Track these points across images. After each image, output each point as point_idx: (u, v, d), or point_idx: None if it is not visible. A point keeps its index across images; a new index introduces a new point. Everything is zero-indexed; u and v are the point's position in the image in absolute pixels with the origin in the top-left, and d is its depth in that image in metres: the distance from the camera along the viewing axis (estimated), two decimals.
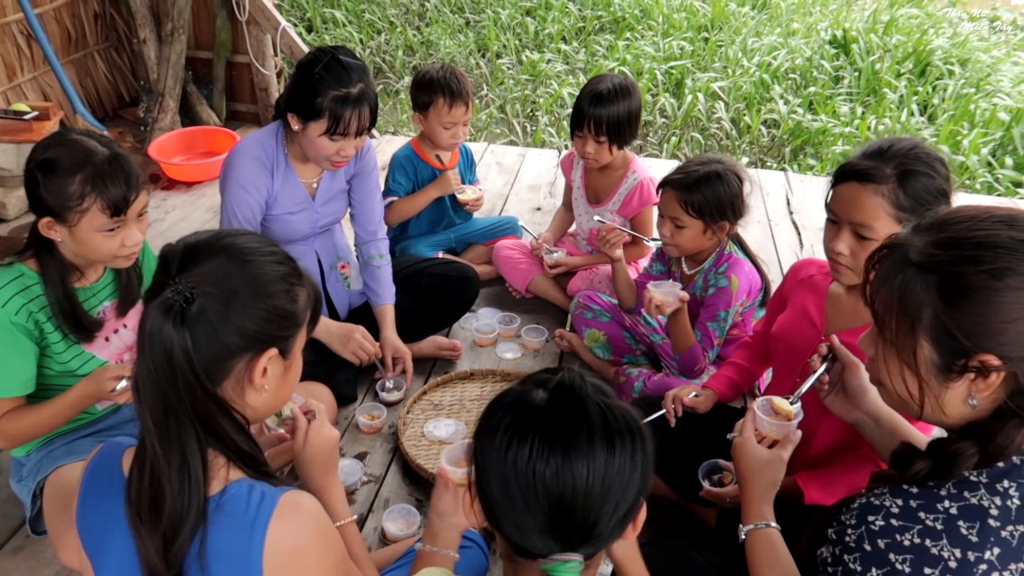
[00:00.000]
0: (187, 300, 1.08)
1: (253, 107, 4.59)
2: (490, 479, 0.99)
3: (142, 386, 1.10)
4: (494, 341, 2.83)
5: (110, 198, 1.74)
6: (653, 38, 6.84)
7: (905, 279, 1.10)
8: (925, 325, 1.08)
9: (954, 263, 1.06)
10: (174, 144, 4.01)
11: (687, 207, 2.23)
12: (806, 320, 1.92)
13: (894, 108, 5.60)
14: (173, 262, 1.13)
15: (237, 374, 1.16)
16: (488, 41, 6.97)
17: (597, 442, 0.96)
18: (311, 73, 2.15)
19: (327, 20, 7.23)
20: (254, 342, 1.15)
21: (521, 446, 0.96)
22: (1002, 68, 6.36)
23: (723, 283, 2.30)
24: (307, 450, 1.44)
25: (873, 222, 1.60)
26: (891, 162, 1.59)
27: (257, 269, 1.16)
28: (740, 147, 5.46)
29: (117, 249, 1.82)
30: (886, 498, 1.10)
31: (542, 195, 3.96)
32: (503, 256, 3.07)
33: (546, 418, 0.98)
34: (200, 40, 4.43)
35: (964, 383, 1.08)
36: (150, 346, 1.08)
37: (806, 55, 6.30)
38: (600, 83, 2.68)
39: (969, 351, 1.05)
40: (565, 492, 0.95)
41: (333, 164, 2.28)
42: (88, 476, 1.22)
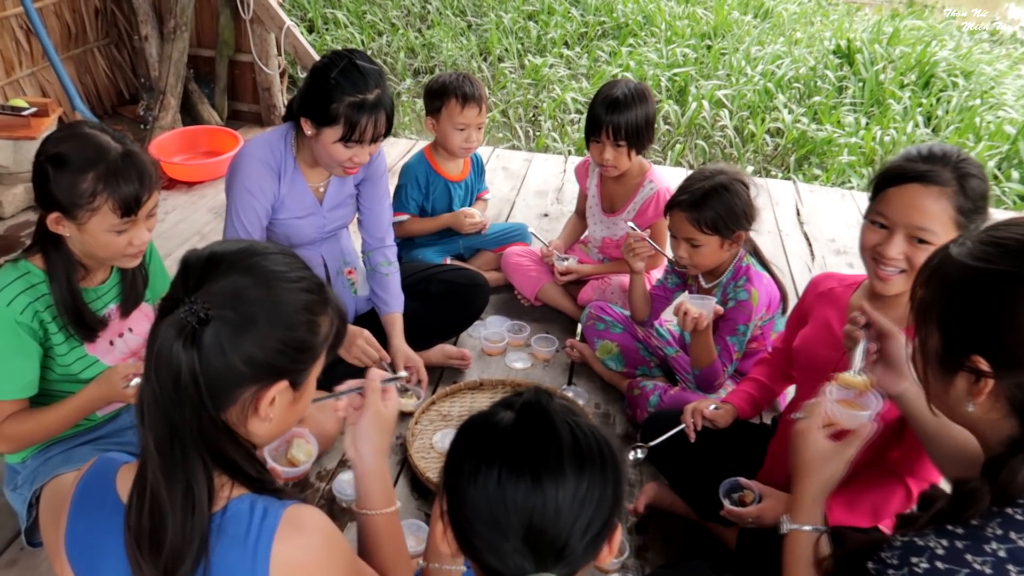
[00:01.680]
0: (201, 321, 1.01)
1: (255, 107, 4.53)
2: (462, 505, 0.96)
3: (147, 409, 1.03)
4: (503, 350, 2.77)
5: (122, 198, 1.68)
6: (656, 45, 6.81)
7: (938, 265, 1.12)
8: (938, 312, 1.10)
9: (979, 258, 1.06)
10: (175, 143, 3.94)
11: (700, 225, 2.18)
12: (828, 334, 1.87)
13: (898, 119, 5.58)
14: (193, 274, 1.06)
15: (243, 402, 1.09)
16: (490, 45, 6.93)
17: (567, 462, 0.94)
18: (327, 78, 2.09)
19: (328, 21, 7.17)
20: (265, 373, 1.08)
21: (490, 470, 0.94)
22: (1005, 81, 6.36)
23: (743, 296, 2.25)
24: (377, 415, 1.34)
25: (935, 226, 1.54)
26: (948, 165, 1.55)
27: (280, 296, 1.08)
28: (744, 156, 5.42)
29: (124, 248, 1.76)
30: (931, 539, 1.05)
31: (549, 201, 3.90)
32: (512, 263, 3.01)
33: (513, 440, 0.97)
34: (202, 38, 4.37)
35: (963, 383, 1.07)
36: (157, 365, 1.01)
37: (810, 64, 6.29)
38: (614, 88, 2.63)
39: (964, 348, 1.05)
40: (536, 513, 0.92)
41: (345, 171, 2.22)
42: (79, 494, 1.16)
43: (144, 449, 1.03)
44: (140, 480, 1.05)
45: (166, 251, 3.25)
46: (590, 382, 2.64)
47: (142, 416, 1.03)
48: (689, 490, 2.03)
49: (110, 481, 1.13)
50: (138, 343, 2.00)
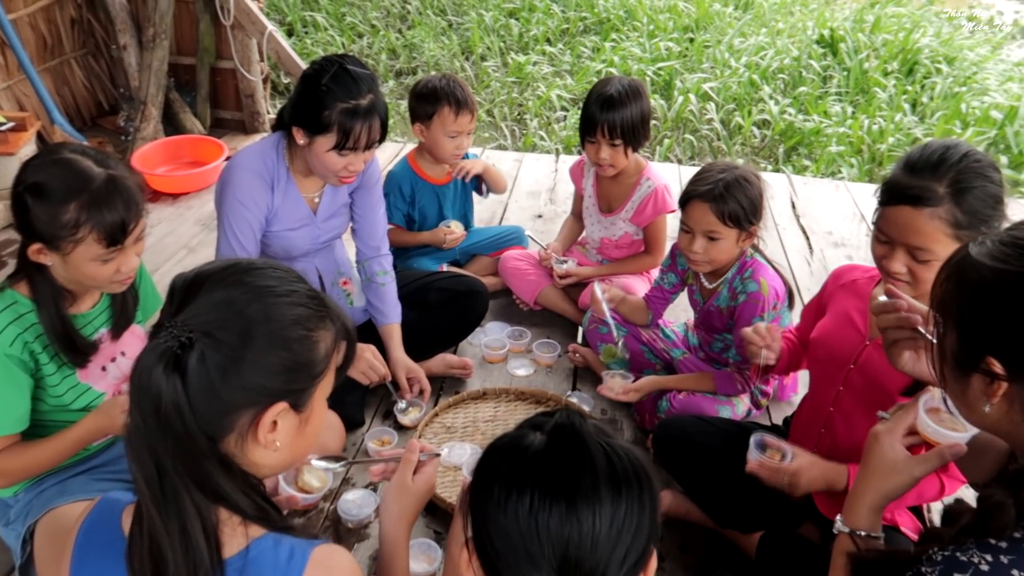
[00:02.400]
0: (183, 346, 0.95)
1: (238, 114, 4.44)
2: (490, 533, 0.91)
3: (131, 442, 0.97)
4: (504, 357, 2.72)
5: (107, 228, 1.61)
6: (639, 39, 6.78)
7: (957, 264, 1.09)
8: (955, 311, 1.07)
9: (998, 258, 1.03)
10: (158, 154, 3.85)
11: (724, 217, 2.12)
12: (849, 326, 1.84)
13: (885, 107, 5.58)
14: (176, 297, 1.00)
15: (239, 429, 1.02)
16: (472, 44, 6.87)
17: (602, 486, 0.90)
18: (318, 84, 2.02)
19: (307, 24, 7.09)
20: (259, 396, 1.01)
21: (521, 496, 0.89)
22: (987, 66, 6.38)
23: (752, 288, 2.21)
24: (418, 484, 1.33)
25: (931, 245, 1.52)
26: (944, 179, 1.50)
27: (269, 312, 1.01)
28: (733, 148, 5.40)
29: (112, 276, 1.70)
30: (973, 553, 1.01)
31: (542, 201, 3.86)
32: (510, 267, 2.96)
33: (546, 464, 0.92)
34: (182, 46, 4.27)
35: (979, 383, 1.04)
36: (140, 396, 0.95)
37: (793, 55, 6.27)
38: (608, 86, 2.58)
39: (980, 348, 1.03)
40: (571, 542, 0.88)
41: (340, 180, 2.16)
42: (84, 536, 1.10)
43: (136, 488, 0.98)
44: (138, 518, 1.00)
45: (153, 266, 3.17)
46: (594, 387, 2.59)
47: (130, 451, 0.97)
48: (705, 496, 1.98)
49: (116, 522, 1.07)
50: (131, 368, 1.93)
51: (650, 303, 2.56)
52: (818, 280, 3.20)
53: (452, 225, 2.92)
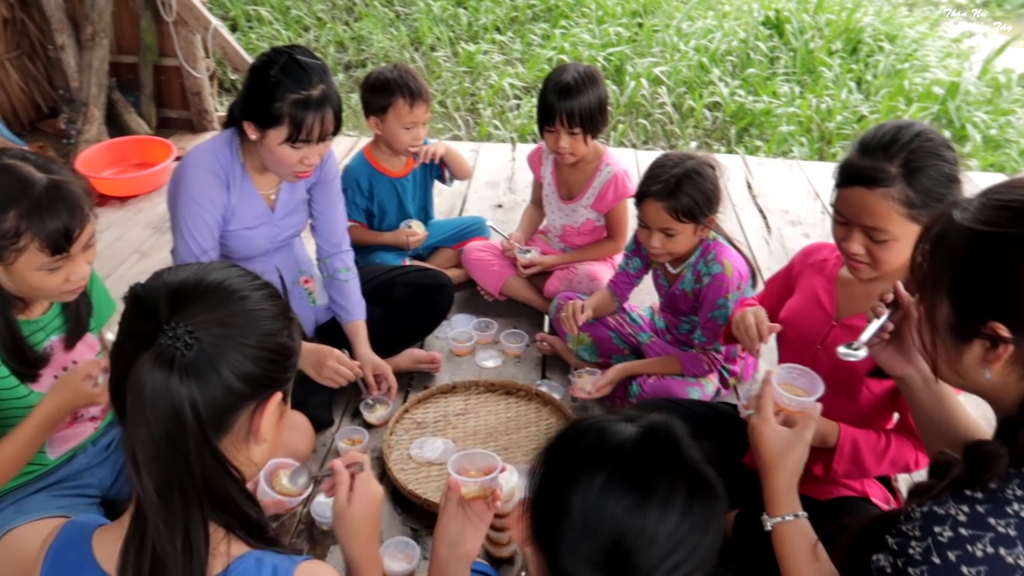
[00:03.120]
0: (187, 346, 0.94)
1: (185, 113, 4.32)
2: (556, 498, 0.94)
3: (141, 454, 0.94)
4: (472, 350, 2.70)
5: (50, 235, 1.55)
6: (588, 25, 6.79)
7: (943, 234, 1.09)
8: (948, 281, 1.07)
9: (989, 222, 1.04)
10: (103, 157, 3.73)
11: (677, 214, 2.14)
12: (816, 306, 1.86)
13: (831, 86, 5.67)
14: (159, 306, 0.97)
15: (240, 426, 1.02)
16: (422, 34, 6.80)
17: (677, 495, 0.92)
18: (267, 76, 1.97)
19: (251, 18, 6.93)
20: (260, 387, 1.02)
21: (595, 473, 0.93)
22: (926, 43, 6.53)
23: (716, 269, 2.22)
24: (353, 508, 1.26)
25: (885, 224, 1.54)
26: (896, 159, 1.51)
27: (253, 306, 1.03)
28: (686, 131, 5.44)
29: (60, 285, 1.64)
30: (951, 506, 1.03)
31: (501, 191, 3.84)
32: (474, 259, 2.94)
33: (632, 454, 0.95)
34: (123, 44, 4.14)
35: (979, 350, 1.06)
36: (152, 405, 0.93)
37: (741, 37, 6.34)
38: (564, 74, 2.57)
39: (981, 315, 1.03)
40: (630, 532, 0.90)
41: (297, 175, 2.11)
42: (51, 563, 1.05)
43: (144, 500, 0.94)
44: (136, 536, 0.96)
45: (105, 272, 3.08)
46: (564, 376, 2.60)
47: (136, 465, 0.94)
48: None
49: (86, 546, 1.03)
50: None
51: (615, 289, 2.57)
52: (777, 259, 3.25)
53: (413, 225, 2.90)
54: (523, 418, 2.40)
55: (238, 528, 1.02)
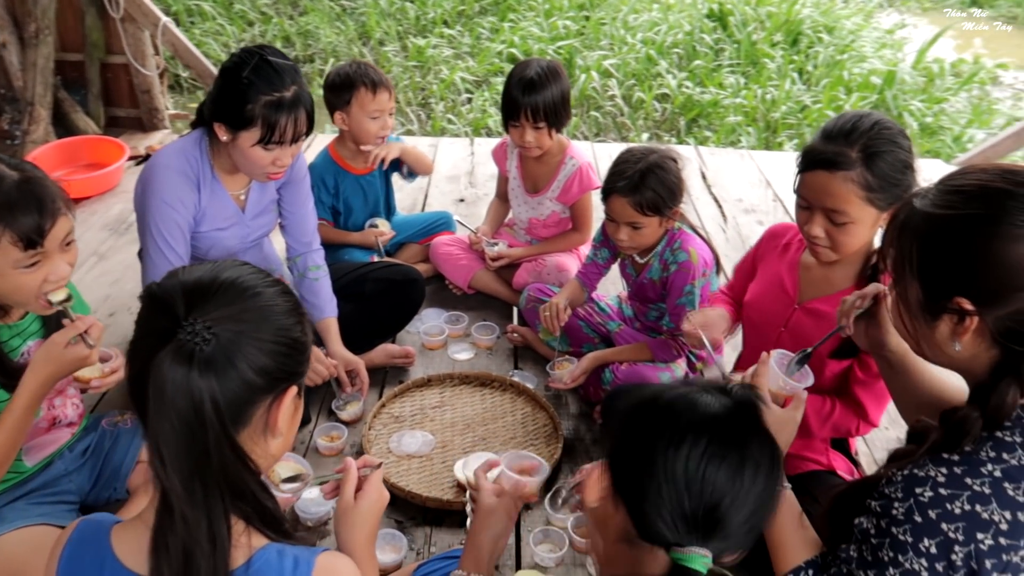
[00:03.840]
0: (206, 341, 0.96)
1: (134, 111, 4.23)
2: (650, 462, 1.00)
3: (165, 448, 0.96)
4: (444, 343, 2.73)
5: (20, 229, 1.53)
6: (536, 19, 6.84)
7: (907, 221, 1.18)
8: (915, 263, 1.15)
9: (945, 206, 1.13)
10: (52, 157, 3.61)
11: (642, 209, 2.20)
12: (779, 289, 1.94)
13: (775, 77, 5.84)
14: (176, 303, 0.99)
15: (257, 420, 1.04)
16: (370, 29, 6.76)
17: (765, 459, 1.01)
18: (239, 78, 1.96)
19: (194, 13, 6.80)
20: (276, 381, 1.04)
21: (699, 442, 0.98)
22: (863, 34, 6.77)
23: (683, 257, 2.29)
24: (360, 505, 1.27)
25: (844, 207, 1.62)
26: (856, 145, 1.60)
27: (267, 302, 1.04)
28: (637, 123, 5.54)
29: (40, 285, 1.62)
30: (930, 468, 1.12)
31: (462, 185, 3.86)
32: (441, 253, 2.96)
33: (730, 424, 1.01)
34: (67, 41, 4.01)
35: (947, 324, 1.14)
36: (174, 400, 0.94)
37: (686, 30, 6.48)
38: (527, 69, 2.62)
39: (946, 292, 1.11)
40: (728, 494, 0.98)
41: (269, 176, 2.11)
42: (67, 562, 1.06)
43: (170, 493, 0.96)
44: (164, 530, 0.97)
45: None
46: (536, 365, 2.65)
47: (161, 459, 0.95)
48: None
49: (104, 543, 1.04)
50: (65, 379, 1.85)
51: (584, 279, 2.62)
52: (734, 246, 3.35)
53: (380, 224, 2.90)
54: (499, 408, 2.44)
55: (256, 520, 1.03)
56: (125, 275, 3.05)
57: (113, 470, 2.01)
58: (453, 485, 2.16)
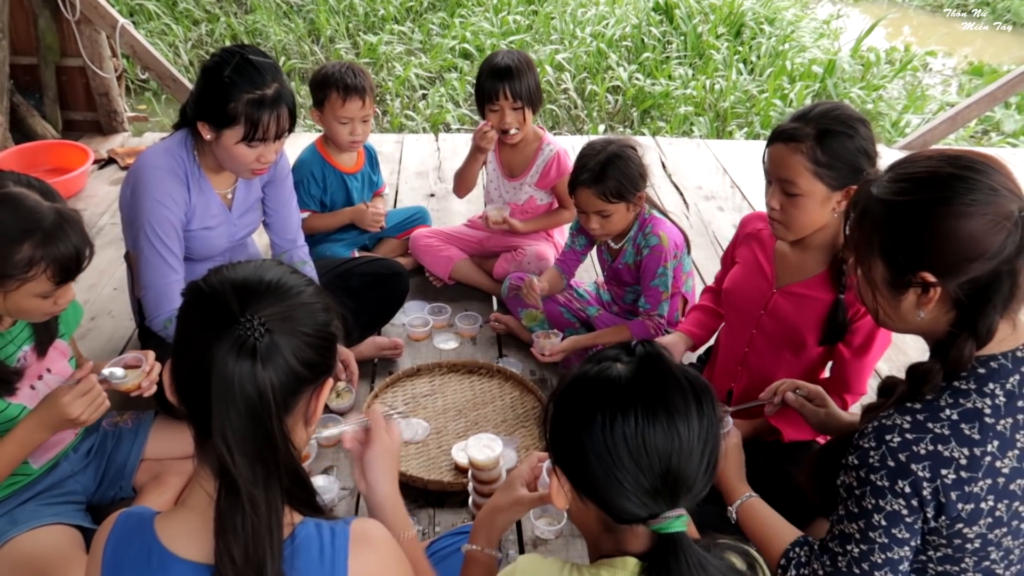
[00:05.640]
0: (262, 336, 1.02)
1: (92, 115, 4.16)
2: (595, 456, 1.03)
3: (232, 436, 1.01)
4: (429, 334, 2.80)
5: (62, 266, 1.58)
6: (485, 14, 6.90)
7: (866, 207, 1.30)
8: (878, 245, 1.27)
9: (900, 193, 1.26)
10: (13, 163, 3.52)
11: (606, 197, 2.32)
12: (758, 273, 2.06)
13: (721, 68, 6.03)
14: (229, 300, 1.05)
15: (299, 409, 1.11)
16: (320, 26, 6.73)
17: (690, 402, 1.04)
18: (220, 77, 2.00)
19: (137, 12, 6.66)
20: (317, 373, 1.11)
21: (626, 417, 1.02)
22: (801, 25, 7.02)
23: (654, 241, 2.42)
24: (385, 447, 1.36)
25: (795, 177, 1.76)
26: (812, 123, 1.75)
27: (308, 300, 1.11)
28: (592, 115, 5.66)
29: (50, 309, 1.68)
30: (895, 417, 1.26)
31: (431, 181, 3.92)
32: (422, 245, 3.03)
33: (641, 387, 1.05)
34: (18, 44, 3.91)
35: (912, 296, 1.27)
36: (242, 390, 1.00)
37: (633, 23, 6.62)
38: (497, 58, 2.75)
39: (910, 268, 1.24)
40: (674, 453, 1.01)
41: (253, 172, 2.15)
42: (112, 553, 1.09)
43: (238, 479, 1.01)
44: (230, 514, 1.02)
45: None
46: (520, 351, 2.74)
47: (228, 447, 1.00)
48: None
49: (149, 533, 1.07)
50: (59, 383, 1.87)
51: (563, 267, 2.72)
52: (698, 232, 3.50)
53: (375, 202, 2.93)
54: (488, 394, 2.53)
55: (297, 499, 1.10)
56: (100, 280, 3.03)
57: (117, 469, 2.04)
58: (452, 468, 2.24)
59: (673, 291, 2.48)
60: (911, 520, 1.23)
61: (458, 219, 3.44)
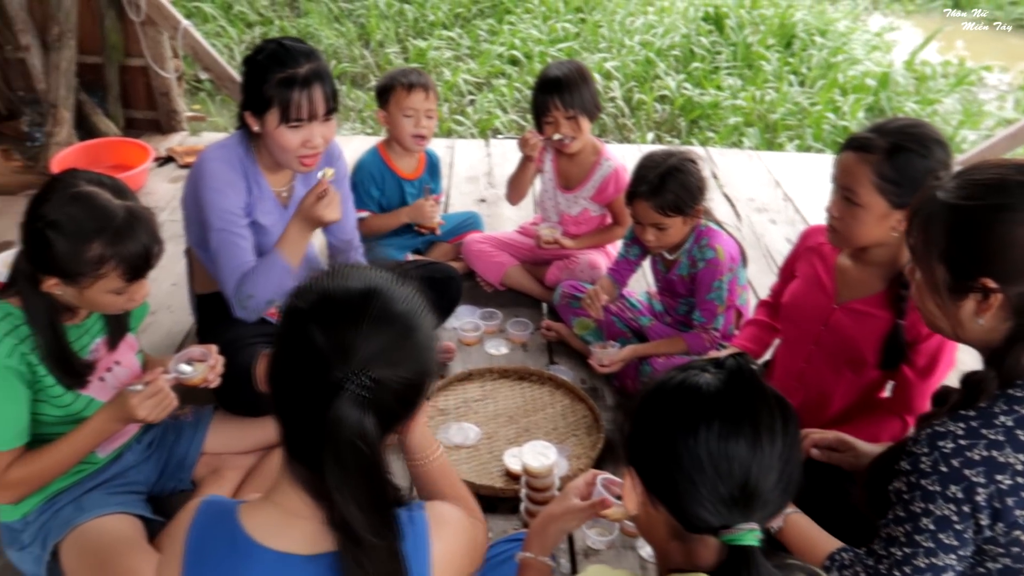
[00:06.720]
0: (369, 389, 1.01)
1: (151, 114, 4.26)
2: (674, 460, 1.04)
3: (340, 485, 1.02)
4: (480, 339, 2.81)
5: (131, 264, 1.62)
6: (534, 21, 6.92)
7: (930, 211, 1.31)
8: (941, 249, 1.28)
9: (966, 197, 1.26)
10: (77, 159, 3.63)
11: (664, 211, 2.31)
12: (818, 287, 2.04)
13: (771, 79, 5.97)
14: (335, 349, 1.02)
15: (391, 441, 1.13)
16: (370, 30, 6.81)
17: (776, 419, 1.05)
18: (255, 63, 2.07)
19: (193, 14, 6.79)
20: (415, 407, 1.13)
21: (711, 425, 1.03)
22: (853, 37, 6.93)
23: (710, 254, 2.40)
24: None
25: (857, 187, 1.75)
26: (886, 136, 1.73)
27: (421, 340, 1.09)
28: (638, 124, 5.64)
29: (124, 304, 1.72)
30: (949, 424, 1.26)
31: (482, 186, 3.94)
32: (475, 250, 3.04)
33: (730, 398, 1.06)
34: (85, 44, 4.01)
35: (972, 303, 1.27)
36: (351, 445, 1.01)
37: (683, 32, 6.59)
38: (551, 69, 2.76)
39: (972, 274, 1.24)
40: (754, 464, 1.02)
41: (302, 162, 2.14)
42: (196, 542, 1.11)
43: (355, 525, 1.03)
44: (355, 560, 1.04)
45: None
46: (571, 359, 2.74)
47: (343, 494, 1.02)
48: None
49: (233, 522, 1.10)
50: (127, 375, 1.93)
51: (615, 275, 2.72)
52: (750, 245, 3.46)
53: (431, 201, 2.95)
54: (539, 401, 2.53)
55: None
56: (159, 275, 3.05)
57: (178, 462, 2.08)
58: (503, 474, 2.24)
59: (728, 304, 2.47)
60: (961, 527, 1.23)
61: (508, 225, 3.45)
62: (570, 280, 2.84)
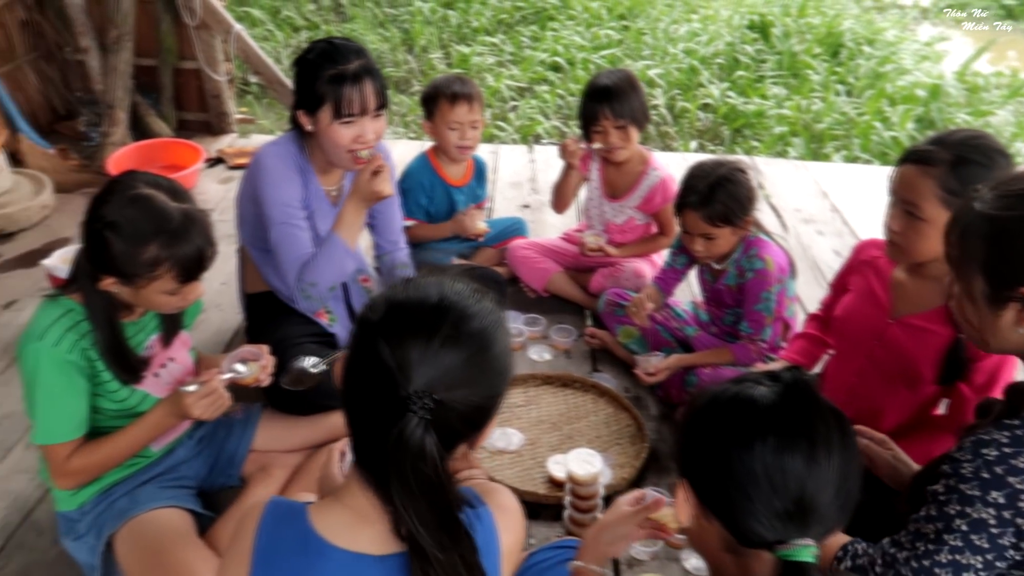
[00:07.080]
0: (432, 411, 0.99)
1: (203, 115, 4.35)
2: (728, 473, 1.03)
3: (413, 508, 1.01)
4: (523, 344, 2.81)
5: (186, 266, 1.66)
6: (576, 28, 6.93)
7: (968, 222, 1.30)
8: (979, 260, 1.28)
9: (1005, 208, 1.25)
10: (132, 159, 3.72)
11: (713, 221, 2.29)
12: (872, 302, 2.01)
13: (818, 88, 5.90)
14: (398, 375, 0.99)
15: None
16: (414, 35, 6.87)
17: (834, 434, 1.04)
18: (306, 62, 2.12)
19: (242, 19, 6.91)
20: (484, 426, 1.11)
21: (767, 437, 1.02)
22: (902, 47, 6.81)
23: (759, 265, 2.38)
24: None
25: (920, 201, 1.71)
26: (950, 148, 1.70)
27: (494, 359, 1.05)
28: (681, 132, 5.61)
29: (178, 304, 1.77)
30: (993, 433, 1.26)
31: (526, 192, 3.95)
32: (519, 256, 3.05)
33: (787, 411, 1.05)
34: (141, 46, 4.11)
35: (1012, 312, 1.26)
36: (416, 467, 0.99)
37: (727, 40, 6.54)
38: (600, 78, 2.76)
39: (1011, 284, 1.24)
40: (810, 479, 1.01)
41: (354, 159, 2.17)
42: (265, 543, 1.10)
43: (423, 543, 1.01)
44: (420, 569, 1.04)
45: None
46: (614, 367, 2.73)
47: (410, 515, 1.01)
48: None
49: (304, 522, 1.10)
50: (180, 371, 1.98)
51: (661, 284, 2.70)
52: (797, 256, 3.38)
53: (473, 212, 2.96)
54: (582, 408, 2.52)
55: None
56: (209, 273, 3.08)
57: (227, 458, 2.12)
58: (546, 480, 2.24)
59: (776, 316, 2.44)
60: (997, 531, 1.23)
61: (552, 231, 3.45)
62: (615, 288, 2.83)
